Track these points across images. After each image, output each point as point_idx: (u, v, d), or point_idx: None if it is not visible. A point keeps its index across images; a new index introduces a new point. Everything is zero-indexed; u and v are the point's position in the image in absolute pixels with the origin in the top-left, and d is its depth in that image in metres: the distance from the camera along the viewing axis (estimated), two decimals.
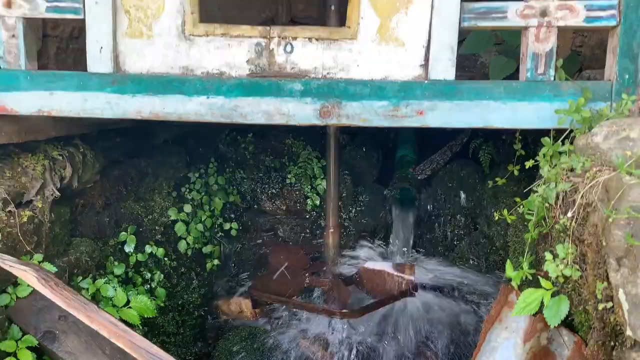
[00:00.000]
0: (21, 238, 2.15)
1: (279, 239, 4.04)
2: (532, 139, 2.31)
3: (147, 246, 3.00)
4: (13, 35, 1.82)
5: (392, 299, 2.91)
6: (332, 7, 2.68)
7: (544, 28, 1.72)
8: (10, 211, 2.13)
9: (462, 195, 3.53)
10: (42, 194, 2.29)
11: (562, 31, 3.11)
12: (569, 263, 1.53)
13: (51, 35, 2.77)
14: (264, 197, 4.00)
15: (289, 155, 3.94)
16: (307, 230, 4.05)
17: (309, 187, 3.92)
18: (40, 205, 2.27)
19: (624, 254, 1.30)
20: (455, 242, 3.70)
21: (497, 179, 2.49)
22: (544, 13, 1.71)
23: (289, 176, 3.91)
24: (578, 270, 1.52)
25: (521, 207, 1.86)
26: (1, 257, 1.87)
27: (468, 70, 3.72)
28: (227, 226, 3.73)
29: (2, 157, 2.20)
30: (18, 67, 1.85)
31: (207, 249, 3.58)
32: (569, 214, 1.46)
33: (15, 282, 2.08)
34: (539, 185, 1.76)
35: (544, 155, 1.77)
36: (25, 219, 2.18)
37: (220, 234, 3.76)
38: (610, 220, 1.31)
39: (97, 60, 1.82)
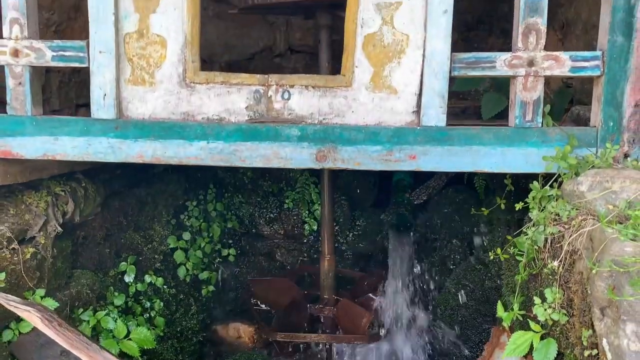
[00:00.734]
0: (24, 275, 2.19)
1: (276, 263, 4.10)
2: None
3: (147, 276, 3.05)
4: (20, 83, 1.89)
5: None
6: (324, 44, 2.78)
7: (531, 77, 1.79)
8: (14, 248, 2.18)
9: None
10: (45, 230, 2.34)
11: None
12: (557, 308, 1.59)
13: (54, 69, 2.84)
14: (262, 221, 4.06)
15: (286, 180, 4.00)
16: (305, 255, 4.11)
17: (307, 212, 3.98)
18: (43, 241, 2.32)
19: (607, 304, 1.36)
20: (451, 267, 3.75)
21: (483, 209, 2.55)
22: (531, 63, 1.79)
23: (287, 201, 3.97)
24: (565, 315, 1.58)
25: (512, 247, 1.93)
26: (6, 298, 1.92)
27: (463, 98, 3.80)
28: (225, 252, 3.78)
29: (7, 194, 2.25)
30: (24, 113, 1.91)
31: (205, 275, 3.62)
32: (556, 263, 1.52)
33: (18, 318, 2.12)
34: (528, 227, 1.82)
35: (533, 198, 1.83)
36: (28, 256, 2.23)
37: (218, 259, 3.81)
38: (594, 272, 1.37)
39: (101, 106, 1.88)
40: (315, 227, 3.94)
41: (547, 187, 1.77)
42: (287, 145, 1.88)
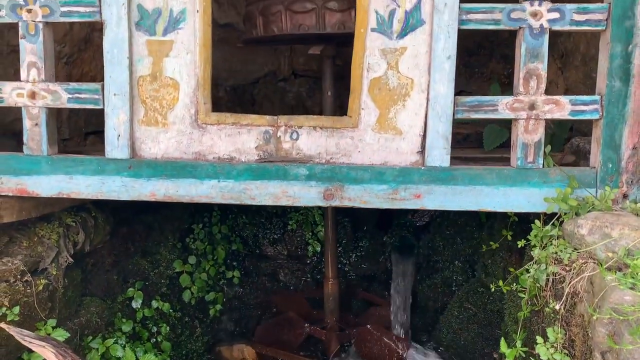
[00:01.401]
0: (37, 306, 2.24)
1: (280, 283, 4.14)
2: None
3: (154, 301, 3.09)
4: (36, 124, 1.94)
5: None
6: (328, 75, 2.84)
7: (532, 120, 1.85)
8: (27, 281, 2.23)
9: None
10: (57, 261, 2.39)
11: (555, 91, 3.25)
12: (559, 348, 1.64)
13: None
14: (266, 242, 4.12)
15: None
16: (308, 275, 4.15)
17: (310, 233, 4.03)
18: (54, 273, 2.37)
19: (607, 349, 1.41)
20: (454, 289, 3.79)
21: (491, 243, 2.61)
22: (532, 107, 1.85)
23: (291, 222, 4.03)
24: (567, 355, 1.63)
25: (514, 282, 1.98)
26: (20, 333, 1.96)
27: (465, 123, 3.86)
28: (229, 274, 3.83)
29: (20, 227, 2.31)
30: (40, 152, 1.97)
31: (210, 297, 3.67)
32: (557, 306, 1.57)
33: (30, 349, 2.16)
34: (530, 265, 1.87)
35: (535, 236, 1.89)
36: (40, 287, 2.28)
37: (223, 281, 3.85)
38: (595, 317, 1.42)
39: (115, 147, 1.94)
40: (318, 249, 3.99)
41: (549, 227, 1.83)
42: (296, 184, 1.93)
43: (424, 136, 1.90)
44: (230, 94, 4.16)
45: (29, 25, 1.91)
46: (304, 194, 1.94)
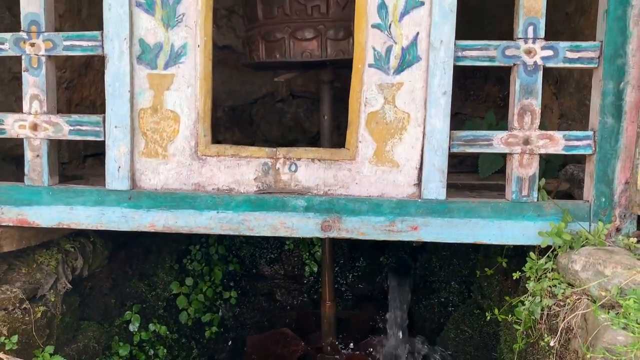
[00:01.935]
0: (35, 334, 2.25)
1: (276, 303, 4.15)
2: None
3: (151, 324, 3.10)
4: (38, 155, 1.97)
5: None
6: (326, 100, 2.88)
7: (526, 155, 1.88)
8: (25, 308, 2.24)
9: None
10: (55, 287, 2.40)
11: (549, 116, 3.29)
12: None
13: None
14: (263, 261, 4.13)
15: None
16: (305, 295, 4.16)
17: (307, 253, 4.04)
18: (53, 299, 2.38)
19: None
20: (450, 309, 3.81)
21: (486, 269, 2.63)
22: (526, 142, 1.88)
23: (288, 242, 4.04)
24: None
25: (509, 312, 2.00)
26: None
27: None
28: (226, 295, 3.84)
29: (19, 254, 2.32)
30: (41, 183, 1.99)
31: (206, 318, 3.67)
32: (552, 342, 1.59)
33: None
34: (526, 297, 1.90)
35: (530, 268, 1.91)
36: (39, 315, 2.28)
37: (219, 301, 3.86)
38: (588, 356, 1.44)
39: (115, 178, 1.96)
40: (315, 269, 4.01)
41: (543, 260, 1.85)
42: (294, 215, 1.96)
43: (421, 169, 1.93)
44: (229, 114, 4.20)
45: (31, 59, 1.94)
46: (302, 226, 1.96)
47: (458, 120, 3.97)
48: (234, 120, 4.21)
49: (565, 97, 3.12)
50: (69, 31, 2.67)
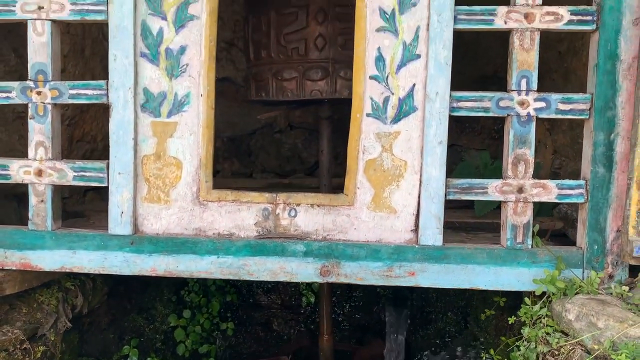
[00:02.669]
0: None
1: (273, 333, 4.16)
2: None
3: (149, 358, 3.10)
4: (42, 201, 2.00)
5: None
6: (324, 137, 2.94)
7: (521, 203, 1.93)
8: (25, 348, 2.25)
9: None
10: (56, 326, 2.42)
11: (543, 151, 3.35)
12: None
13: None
14: (260, 291, 4.14)
15: None
16: (302, 325, 4.17)
17: (304, 284, 4.06)
18: (52, 338, 2.39)
19: None
20: (447, 340, 3.83)
21: (486, 310, 2.67)
22: (520, 190, 1.93)
23: None
24: None
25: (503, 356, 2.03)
26: None
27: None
28: (223, 326, 3.84)
29: (20, 294, 2.34)
30: (45, 228, 2.02)
31: (203, 349, 3.67)
32: None
33: None
34: (521, 342, 1.93)
35: (525, 314, 1.95)
36: (39, 355, 2.30)
37: (216, 332, 3.86)
38: None
39: (118, 223, 2.00)
40: (312, 300, 4.02)
41: (538, 306, 1.89)
42: (293, 260, 1.99)
43: (418, 215, 1.98)
44: (228, 144, 4.25)
45: (38, 107, 1.99)
46: (301, 271, 1.99)
47: (454, 151, 4.03)
48: (233, 150, 4.26)
49: (559, 134, 3.19)
50: (73, 70, 2.73)
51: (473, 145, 4.06)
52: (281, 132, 4.24)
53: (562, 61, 3.15)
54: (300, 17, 2.57)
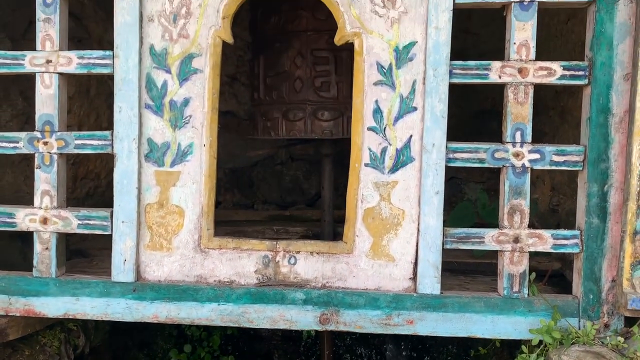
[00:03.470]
0: None
1: None
2: None
3: None
4: (46, 248, 2.04)
5: None
6: (326, 174, 2.99)
7: (517, 252, 1.96)
8: None
9: None
10: None
11: (541, 188, 3.38)
12: None
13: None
14: None
15: None
16: (303, 357, 4.17)
17: None
18: None
19: None
20: None
21: (479, 348, 2.68)
22: (516, 240, 1.96)
23: None
24: None
25: None
26: None
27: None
28: (225, 359, 3.85)
29: (24, 337, 2.36)
30: (49, 275, 2.06)
31: None
32: None
33: None
34: None
35: None
36: None
37: None
38: None
39: (121, 271, 2.03)
40: (313, 332, 4.03)
41: (534, 355, 1.91)
42: (293, 308, 2.02)
43: (416, 263, 2.01)
44: (229, 176, 4.30)
45: (44, 157, 2.04)
46: (301, 318, 2.02)
47: (453, 184, 4.08)
48: (234, 181, 4.31)
49: (556, 172, 3.23)
50: (78, 111, 2.79)
51: (472, 178, 4.10)
52: (282, 163, 4.29)
53: (559, 100, 3.20)
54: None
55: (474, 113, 3.91)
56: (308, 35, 2.68)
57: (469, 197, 4.14)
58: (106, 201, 2.76)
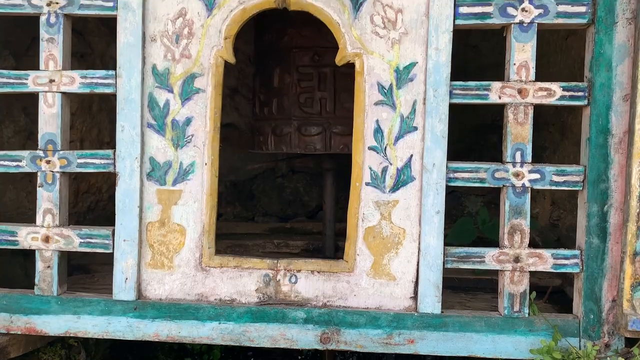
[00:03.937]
0: None
1: None
2: None
3: None
4: (48, 266, 2.05)
5: None
6: (328, 190, 3.00)
7: (517, 272, 1.97)
8: None
9: None
10: None
11: (542, 202, 3.39)
12: None
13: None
14: None
15: None
16: None
17: None
18: None
19: None
20: None
21: None
22: (517, 259, 1.97)
23: None
24: None
25: None
26: None
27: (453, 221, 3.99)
28: None
29: (25, 354, 2.36)
30: (50, 293, 2.07)
31: None
32: None
33: None
34: None
35: None
36: None
37: None
38: None
39: (122, 289, 2.04)
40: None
41: None
42: (293, 327, 2.02)
43: (417, 283, 2.01)
44: (230, 188, 4.31)
45: (47, 175, 2.05)
46: (302, 337, 2.02)
47: (453, 197, 4.08)
48: (235, 194, 4.32)
49: None
50: (81, 127, 2.81)
51: (473, 191, 4.10)
52: (283, 176, 4.30)
53: (559, 115, 3.22)
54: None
55: (474, 126, 3.93)
56: (294, 52, 2.70)
57: (470, 209, 4.14)
58: (107, 215, 2.77)
